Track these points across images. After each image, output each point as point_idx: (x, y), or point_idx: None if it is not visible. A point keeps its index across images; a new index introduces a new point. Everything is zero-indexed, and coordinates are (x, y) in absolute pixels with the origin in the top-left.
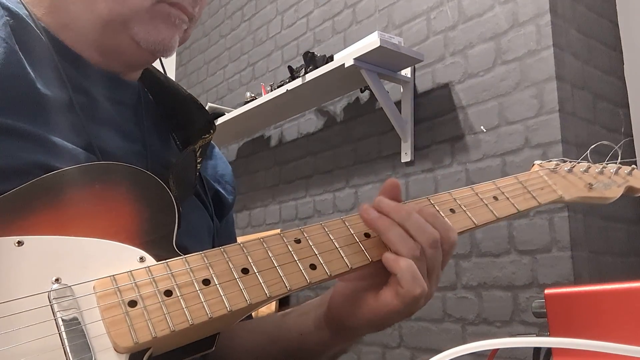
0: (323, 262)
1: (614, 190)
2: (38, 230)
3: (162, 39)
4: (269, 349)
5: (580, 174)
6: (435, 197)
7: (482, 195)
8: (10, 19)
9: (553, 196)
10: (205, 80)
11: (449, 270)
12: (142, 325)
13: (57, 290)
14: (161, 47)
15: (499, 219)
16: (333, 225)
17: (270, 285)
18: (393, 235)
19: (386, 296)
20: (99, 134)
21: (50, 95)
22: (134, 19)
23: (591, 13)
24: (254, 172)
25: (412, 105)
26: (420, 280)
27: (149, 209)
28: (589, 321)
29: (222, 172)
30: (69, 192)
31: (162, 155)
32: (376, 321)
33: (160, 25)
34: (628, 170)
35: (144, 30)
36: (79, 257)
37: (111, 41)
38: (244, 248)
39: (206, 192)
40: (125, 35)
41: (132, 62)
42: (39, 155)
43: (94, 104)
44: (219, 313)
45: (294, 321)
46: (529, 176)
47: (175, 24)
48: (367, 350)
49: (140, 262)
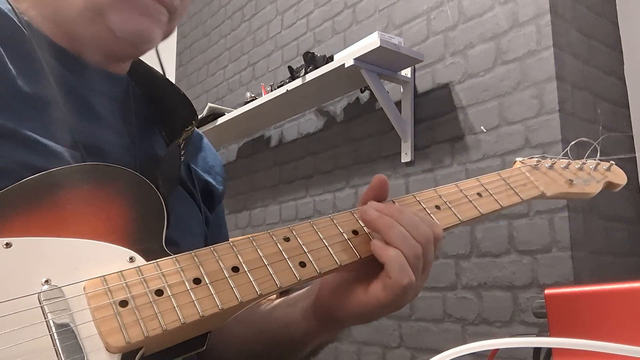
0: (312, 260)
1: (594, 185)
2: (26, 231)
3: (139, 29)
4: (256, 339)
5: (561, 170)
6: (420, 194)
7: (466, 192)
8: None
9: (535, 192)
10: (205, 80)
11: (449, 270)
12: (133, 325)
13: (47, 291)
14: (139, 38)
15: (483, 215)
16: (321, 223)
17: (261, 283)
18: (395, 234)
19: (375, 289)
20: (85, 129)
21: (33, 91)
22: (109, 7)
23: (591, 13)
24: (254, 172)
25: (412, 105)
26: (408, 271)
27: (138, 209)
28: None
29: (212, 163)
30: (58, 193)
31: (150, 149)
32: (364, 313)
33: (136, 15)
34: (607, 166)
35: (120, 19)
36: (69, 258)
37: (89, 31)
38: (233, 247)
39: (194, 184)
40: (102, 25)
41: (115, 54)
42: (22, 154)
43: (80, 98)
44: (210, 311)
45: (282, 312)
46: (511, 173)
47: (152, 14)
48: (367, 351)
49: (130, 262)
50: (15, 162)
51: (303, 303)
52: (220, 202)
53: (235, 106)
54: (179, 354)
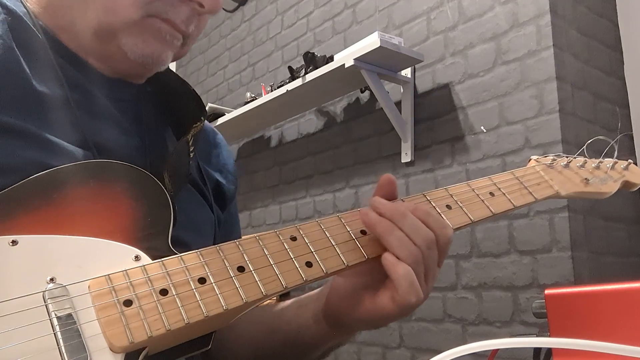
0: (319, 260)
1: (610, 185)
2: (32, 229)
3: (151, 52)
4: (268, 339)
5: (577, 169)
6: (431, 193)
7: (478, 191)
8: (8, 16)
9: (549, 191)
10: (205, 80)
11: (449, 270)
12: (137, 325)
13: (51, 290)
14: (150, 60)
15: (495, 215)
16: (329, 222)
17: (266, 283)
18: (393, 240)
19: (382, 299)
20: (97, 131)
21: (47, 92)
22: (122, 30)
23: (591, 13)
24: (254, 173)
25: (412, 105)
26: (417, 288)
27: (144, 207)
28: (590, 321)
29: (224, 161)
30: (63, 191)
31: (161, 148)
32: (372, 321)
33: (149, 39)
34: (624, 165)
35: (132, 42)
36: (74, 257)
37: (103, 48)
38: (239, 246)
39: (205, 182)
40: (115, 45)
41: (126, 71)
42: (35, 153)
43: (92, 100)
44: (214, 312)
45: (293, 313)
46: (525, 172)
47: (165, 39)
48: (368, 351)
49: (135, 261)
50: (28, 161)
51: (314, 306)
52: (233, 200)
53: (235, 106)
54: (184, 354)
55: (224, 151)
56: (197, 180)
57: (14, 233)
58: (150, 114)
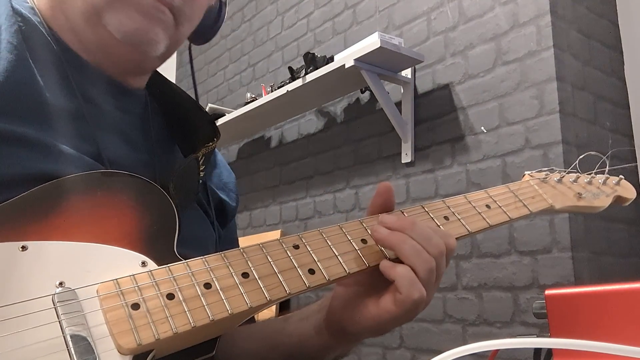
0: (321, 267)
1: (603, 199)
2: (42, 235)
3: (136, 28)
4: (270, 354)
5: (570, 184)
6: (429, 205)
7: (475, 204)
8: (23, 25)
9: (544, 205)
10: (205, 81)
11: (449, 271)
12: (145, 327)
13: (61, 293)
14: (138, 39)
15: (492, 227)
16: (330, 231)
17: (270, 289)
18: (408, 248)
19: (386, 303)
20: (107, 143)
21: (59, 103)
22: (106, 7)
23: (591, 14)
24: (255, 173)
25: (413, 105)
26: (418, 285)
27: (150, 215)
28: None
29: (226, 180)
30: (73, 199)
31: (169, 164)
32: (376, 327)
33: (133, 15)
34: (616, 181)
35: (116, 19)
36: (82, 262)
37: (94, 36)
38: (244, 253)
39: (209, 202)
40: (102, 28)
41: (123, 62)
42: (47, 163)
43: (102, 112)
44: (220, 316)
45: (295, 326)
46: (520, 185)
47: (151, 13)
48: (368, 351)
49: (142, 267)
50: (42, 172)
51: (315, 317)
52: (233, 218)
53: (235, 107)
54: (188, 359)
55: (225, 170)
56: (202, 201)
57: (24, 239)
58: (158, 127)
